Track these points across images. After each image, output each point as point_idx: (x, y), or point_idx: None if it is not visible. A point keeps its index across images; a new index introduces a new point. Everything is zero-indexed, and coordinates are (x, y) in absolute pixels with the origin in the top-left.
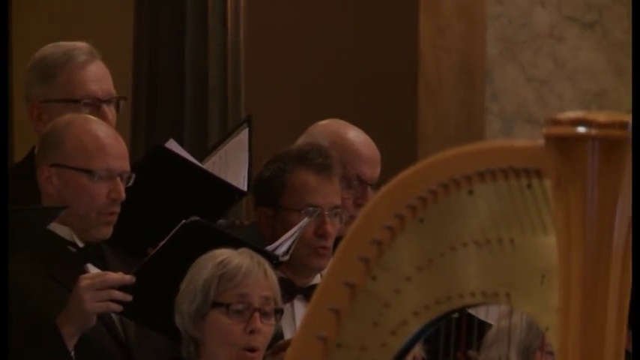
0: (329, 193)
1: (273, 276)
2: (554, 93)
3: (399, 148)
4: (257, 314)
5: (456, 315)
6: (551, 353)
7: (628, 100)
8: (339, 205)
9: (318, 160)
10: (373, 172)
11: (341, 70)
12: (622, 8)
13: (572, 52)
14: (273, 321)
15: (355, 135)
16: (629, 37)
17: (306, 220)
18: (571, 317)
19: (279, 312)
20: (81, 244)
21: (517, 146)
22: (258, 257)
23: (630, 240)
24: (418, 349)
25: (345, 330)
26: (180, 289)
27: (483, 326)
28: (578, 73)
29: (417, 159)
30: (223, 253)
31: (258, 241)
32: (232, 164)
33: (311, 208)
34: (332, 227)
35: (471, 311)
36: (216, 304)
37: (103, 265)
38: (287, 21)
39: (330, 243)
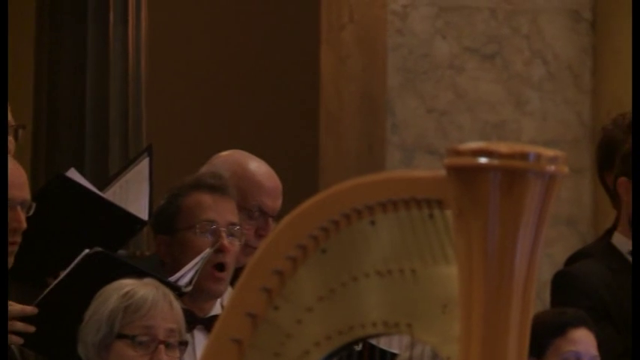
0: (224, 209)
1: (178, 308)
2: (454, 124)
3: (299, 178)
4: (162, 346)
5: (358, 346)
6: None
7: (527, 131)
8: (236, 222)
9: (211, 181)
10: (274, 203)
11: (242, 101)
12: (522, 40)
13: (472, 83)
14: (177, 353)
15: (256, 166)
16: (529, 69)
17: (208, 250)
18: (472, 347)
19: (183, 344)
20: None
21: (419, 176)
22: (163, 289)
23: (533, 271)
24: None
25: None
26: (83, 319)
27: (386, 356)
28: (478, 104)
29: (317, 189)
30: (129, 284)
31: (158, 272)
32: (133, 193)
33: (207, 223)
34: (230, 244)
35: (375, 342)
36: (121, 336)
37: None
38: (188, 52)
39: (228, 259)
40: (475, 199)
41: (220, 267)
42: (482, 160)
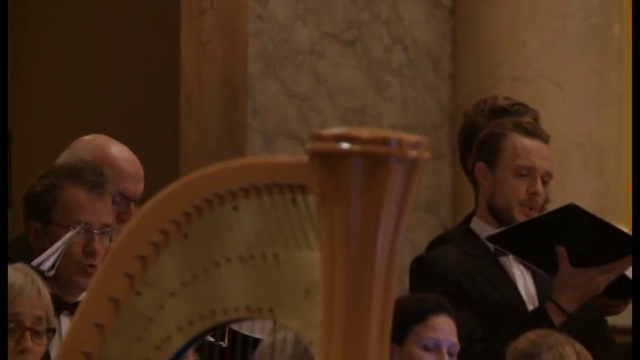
0: (100, 211)
1: (46, 294)
2: (315, 109)
3: (160, 163)
4: (28, 333)
5: (224, 342)
6: None
7: (388, 117)
8: (109, 224)
9: (91, 177)
10: (136, 187)
11: (102, 85)
12: (381, 26)
13: (332, 69)
14: (44, 340)
15: (118, 150)
16: (389, 55)
17: (70, 234)
18: (334, 332)
19: (51, 331)
20: None
21: (281, 162)
22: (32, 275)
23: (394, 256)
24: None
25: (108, 345)
26: None
27: (249, 341)
28: (339, 90)
29: (178, 174)
30: None
31: (25, 255)
32: None
33: (79, 225)
34: (100, 246)
35: (238, 327)
36: None
37: None
38: (46, 33)
39: (97, 261)
40: (337, 185)
41: (91, 267)
42: (344, 145)
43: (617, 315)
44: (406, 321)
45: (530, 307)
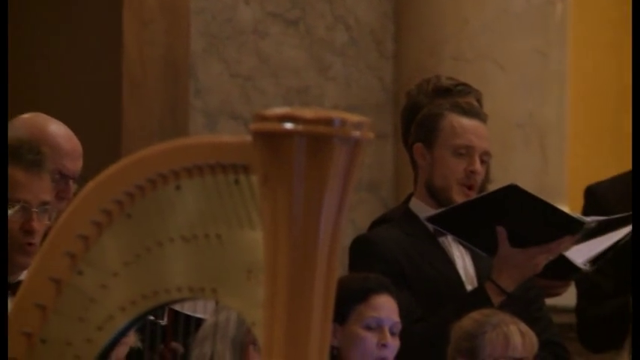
0: (38, 189)
1: None
2: (257, 89)
3: (102, 142)
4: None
5: (163, 320)
6: None
7: (330, 97)
8: (48, 201)
9: (29, 156)
10: (75, 165)
11: (44, 65)
12: (324, 5)
13: (275, 49)
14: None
15: (56, 128)
16: (331, 34)
17: (8, 212)
18: (276, 312)
19: None
20: None
21: (224, 142)
22: None
23: (337, 236)
24: (134, 339)
25: (50, 325)
26: None
27: (191, 321)
28: (282, 70)
29: (121, 154)
30: None
31: None
32: None
33: (17, 203)
34: (39, 224)
35: (180, 307)
36: None
37: None
38: None
39: (36, 239)
40: (280, 165)
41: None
42: (288, 125)
43: (561, 297)
44: (348, 301)
45: (469, 287)
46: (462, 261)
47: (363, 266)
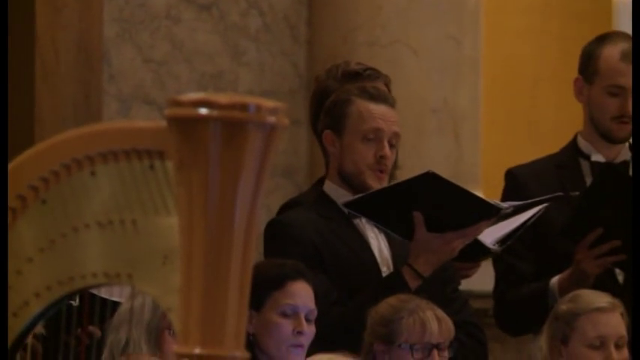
0: None
1: None
2: (171, 74)
3: (15, 128)
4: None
5: (75, 302)
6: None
7: (244, 82)
8: None
9: None
10: None
11: None
12: None
13: (189, 34)
14: None
15: None
16: (245, 20)
17: None
18: (192, 298)
19: None
20: None
21: (140, 127)
22: None
23: (253, 222)
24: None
25: None
26: None
27: (107, 305)
28: (195, 55)
29: (34, 140)
30: None
31: None
32: None
33: None
34: None
35: (96, 292)
36: None
37: None
38: None
39: None
40: (196, 150)
41: None
42: (203, 110)
43: (477, 282)
44: (263, 287)
45: (384, 269)
46: (377, 242)
47: (278, 250)
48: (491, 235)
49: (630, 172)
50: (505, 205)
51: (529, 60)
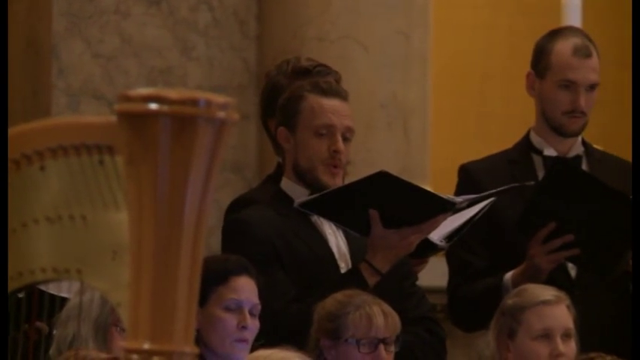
0: None
1: None
2: (120, 69)
3: None
4: None
5: (22, 294)
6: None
7: (194, 77)
8: None
9: None
10: None
11: None
12: None
13: (138, 29)
14: None
15: None
16: (194, 15)
17: None
18: (142, 293)
19: None
20: None
21: (89, 122)
22: None
23: (203, 217)
24: None
25: None
26: None
27: (55, 301)
28: (145, 50)
29: None
30: None
31: None
32: None
33: None
34: None
35: (45, 287)
36: None
37: None
38: None
39: None
40: (146, 145)
41: None
42: (153, 106)
43: (426, 277)
44: (208, 282)
45: (342, 265)
46: (335, 239)
47: (237, 247)
48: (438, 231)
49: (583, 166)
50: (459, 199)
51: (478, 55)
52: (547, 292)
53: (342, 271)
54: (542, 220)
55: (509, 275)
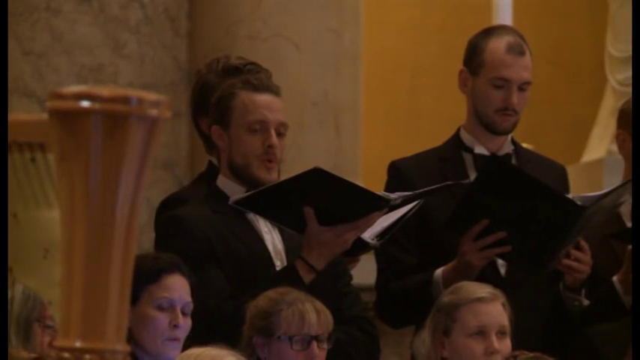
0: None
1: None
2: (51, 66)
3: None
4: None
5: None
6: (50, 327)
7: (125, 75)
8: None
9: None
10: None
11: None
12: None
13: (69, 26)
14: None
15: None
16: (126, 12)
17: None
18: (73, 291)
19: None
20: None
21: (20, 120)
22: None
23: (135, 215)
24: None
25: None
26: None
27: None
28: (75, 47)
29: None
30: None
31: None
32: None
33: None
34: None
35: None
36: None
37: None
38: None
39: None
40: (77, 143)
41: None
42: (85, 103)
43: (356, 275)
44: (139, 281)
45: (277, 262)
46: (271, 237)
47: (172, 245)
48: (370, 229)
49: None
50: (394, 196)
51: (409, 53)
52: (483, 290)
53: (278, 269)
54: (474, 217)
55: (439, 271)
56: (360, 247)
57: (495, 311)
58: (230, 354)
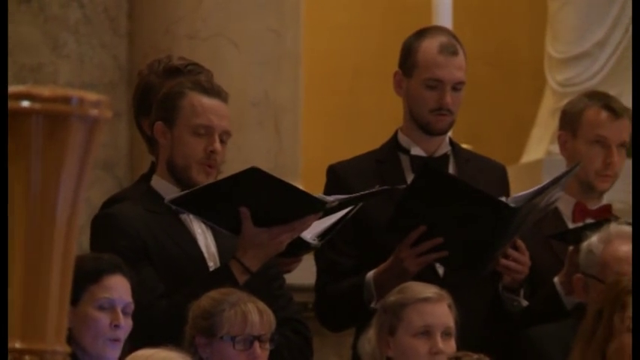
0: None
1: None
2: None
3: None
4: None
5: None
6: None
7: (64, 75)
8: None
9: None
10: None
11: None
12: None
13: (9, 26)
14: None
15: None
16: (65, 12)
17: None
18: (13, 292)
19: None
20: None
21: None
22: None
23: (75, 215)
24: None
25: None
26: None
27: None
28: (15, 47)
29: None
30: None
31: None
32: None
33: None
34: None
35: None
36: None
37: None
38: None
39: None
40: (18, 144)
41: None
42: (25, 103)
43: (297, 276)
44: (80, 281)
45: (210, 264)
46: (204, 238)
47: (105, 243)
48: (311, 229)
49: (450, 166)
50: (330, 198)
51: (349, 53)
52: (429, 290)
53: (212, 269)
54: (411, 223)
55: (371, 274)
56: (302, 247)
57: (441, 312)
58: (180, 356)
